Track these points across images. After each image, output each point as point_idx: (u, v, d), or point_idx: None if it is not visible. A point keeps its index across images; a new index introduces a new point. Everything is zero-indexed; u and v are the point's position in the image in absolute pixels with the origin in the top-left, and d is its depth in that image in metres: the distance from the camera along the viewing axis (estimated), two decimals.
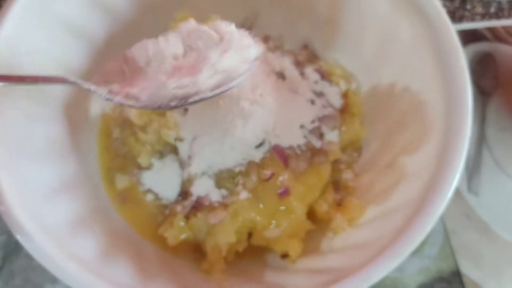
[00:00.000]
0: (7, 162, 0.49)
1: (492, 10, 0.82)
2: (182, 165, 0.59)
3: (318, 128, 0.60)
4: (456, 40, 0.53)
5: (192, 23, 0.53)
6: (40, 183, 0.52)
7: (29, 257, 0.45)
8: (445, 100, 0.52)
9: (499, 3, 0.82)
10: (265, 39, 0.72)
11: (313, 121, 0.60)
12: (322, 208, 0.58)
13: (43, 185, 0.52)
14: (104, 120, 0.65)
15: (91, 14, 0.61)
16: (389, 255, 0.46)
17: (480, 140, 0.71)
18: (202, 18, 0.64)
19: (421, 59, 0.56)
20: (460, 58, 0.52)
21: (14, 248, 0.63)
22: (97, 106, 0.64)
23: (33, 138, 0.54)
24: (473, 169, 0.69)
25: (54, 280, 0.62)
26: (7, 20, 0.52)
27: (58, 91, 0.59)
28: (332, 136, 0.61)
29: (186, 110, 0.57)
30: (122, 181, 0.61)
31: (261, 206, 0.56)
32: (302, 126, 0.59)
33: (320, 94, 0.62)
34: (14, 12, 0.53)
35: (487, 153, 0.71)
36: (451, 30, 0.54)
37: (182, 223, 0.56)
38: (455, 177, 0.47)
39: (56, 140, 0.58)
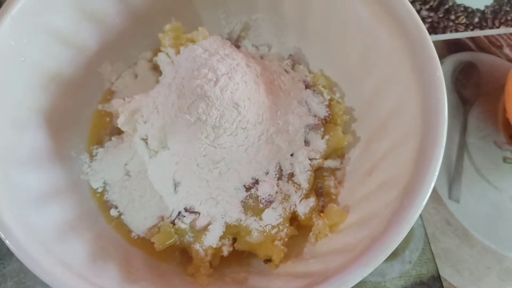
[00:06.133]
0: None
1: (476, 20, 0.83)
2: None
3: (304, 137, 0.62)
4: (433, 51, 0.54)
5: None
6: (28, 190, 0.54)
7: (21, 261, 0.47)
8: (422, 110, 0.53)
9: (483, 13, 0.84)
10: (253, 48, 0.74)
11: (298, 130, 0.61)
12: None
13: (31, 192, 0.54)
14: (93, 128, 0.67)
15: (81, 25, 0.63)
16: (366, 259, 0.47)
17: (462, 148, 0.73)
18: (190, 30, 0.66)
19: (400, 69, 0.57)
20: (437, 69, 0.53)
21: (6, 252, 0.65)
22: None
23: (20, 146, 0.56)
24: (454, 177, 0.71)
25: (45, 283, 0.64)
26: None
27: (44, 99, 0.60)
28: (317, 144, 0.63)
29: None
30: None
31: (245, 212, 0.58)
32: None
33: (304, 104, 0.64)
34: (5, 24, 0.55)
35: (468, 161, 0.72)
36: (428, 40, 0.55)
37: (169, 229, 0.58)
38: (430, 186, 0.49)
39: (44, 148, 0.59)
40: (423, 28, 0.56)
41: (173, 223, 0.59)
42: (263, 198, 0.57)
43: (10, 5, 0.55)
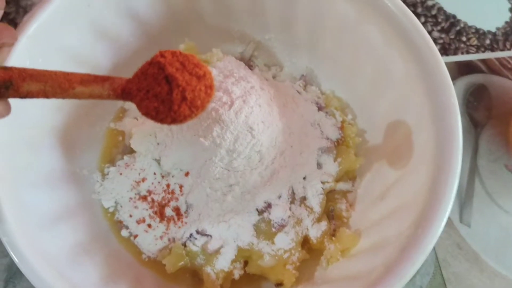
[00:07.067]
0: (10, 192, 0.50)
1: (487, 42, 0.84)
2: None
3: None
4: (447, 78, 0.54)
5: None
6: (41, 211, 0.54)
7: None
8: (436, 137, 0.53)
9: (494, 35, 0.84)
10: (265, 68, 0.74)
11: (311, 153, 0.61)
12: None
13: (44, 213, 0.54)
14: (105, 147, 0.67)
15: (96, 44, 0.63)
16: None
17: (473, 171, 0.73)
18: (204, 51, 0.67)
19: (413, 94, 0.57)
20: (451, 96, 0.53)
21: (17, 271, 0.65)
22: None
23: (34, 166, 0.56)
24: (465, 200, 0.71)
25: None
26: (15, 52, 0.54)
27: (57, 118, 0.61)
28: (330, 167, 0.63)
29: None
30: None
31: (257, 236, 0.58)
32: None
33: (317, 126, 0.64)
34: (21, 43, 0.55)
35: (479, 184, 0.72)
36: (442, 67, 0.54)
37: (180, 251, 0.58)
38: (445, 214, 0.48)
39: (57, 168, 0.60)
40: (437, 54, 0.55)
41: (184, 245, 0.59)
42: (276, 222, 0.57)
43: (27, 25, 0.55)
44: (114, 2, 0.61)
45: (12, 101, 0.52)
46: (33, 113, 0.56)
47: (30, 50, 0.55)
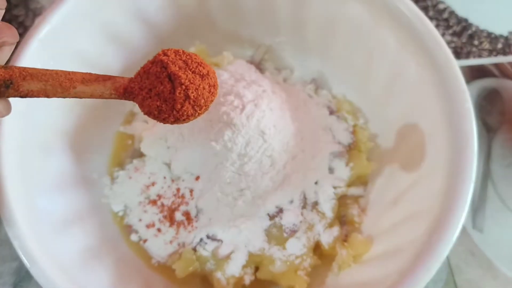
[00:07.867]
0: (21, 196, 0.50)
1: (499, 46, 0.83)
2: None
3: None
4: (462, 83, 0.53)
5: None
6: (51, 215, 0.53)
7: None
8: (451, 142, 0.52)
9: (506, 39, 0.83)
10: (275, 71, 0.74)
11: (323, 158, 0.61)
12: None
13: (54, 217, 0.54)
14: (114, 151, 0.67)
15: (106, 48, 0.63)
16: None
17: (485, 176, 0.72)
18: (214, 54, 0.66)
19: (428, 99, 0.56)
20: (466, 101, 0.53)
21: (25, 275, 0.64)
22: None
23: (44, 170, 0.55)
24: (478, 206, 0.70)
25: None
26: (26, 55, 0.54)
27: (68, 121, 0.60)
28: (342, 172, 0.62)
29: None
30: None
31: (268, 241, 0.57)
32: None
33: (328, 131, 0.63)
34: (32, 47, 0.54)
35: (492, 189, 0.71)
36: (457, 71, 0.53)
37: (190, 256, 0.57)
38: (460, 221, 0.48)
39: (67, 171, 0.59)
40: (452, 58, 0.55)
41: (194, 250, 0.58)
42: (287, 227, 0.57)
43: (38, 28, 0.55)
44: (125, 5, 0.61)
45: (22, 106, 0.52)
46: (43, 117, 0.56)
47: (41, 53, 0.55)
